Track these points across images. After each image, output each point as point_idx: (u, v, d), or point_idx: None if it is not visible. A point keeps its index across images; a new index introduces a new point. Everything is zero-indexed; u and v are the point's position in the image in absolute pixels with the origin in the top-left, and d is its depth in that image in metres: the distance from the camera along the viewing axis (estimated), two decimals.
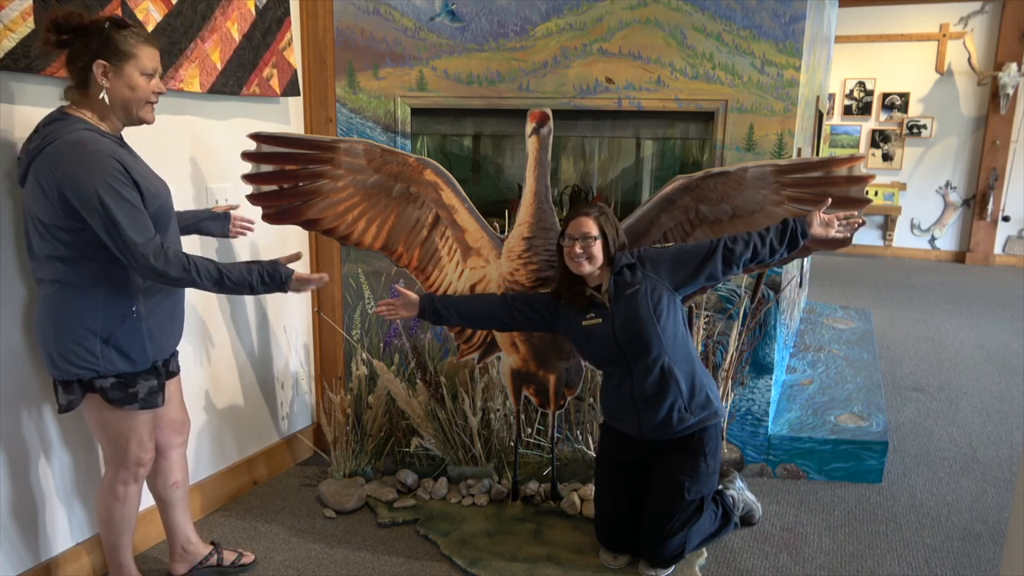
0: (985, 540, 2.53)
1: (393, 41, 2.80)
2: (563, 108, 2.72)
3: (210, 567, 2.26)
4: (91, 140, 1.72)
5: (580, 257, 2.15)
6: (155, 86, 1.81)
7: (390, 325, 2.97)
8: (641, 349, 2.17)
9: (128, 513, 2.02)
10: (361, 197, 2.50)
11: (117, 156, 1.74)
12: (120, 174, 1.73)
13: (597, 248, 2.15)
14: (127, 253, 1.74)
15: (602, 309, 2.21)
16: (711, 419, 2.25)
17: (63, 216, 1.73)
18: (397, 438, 2.94)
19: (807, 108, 2.92)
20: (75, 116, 1.76)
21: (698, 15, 2.62)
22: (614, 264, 2.20)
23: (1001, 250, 7.98)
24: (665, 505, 2.23)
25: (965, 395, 3.95)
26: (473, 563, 2.32)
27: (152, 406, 1.94)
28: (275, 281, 1.95)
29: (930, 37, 7.90)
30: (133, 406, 1.89)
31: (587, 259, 2.15)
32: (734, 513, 2.45)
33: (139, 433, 1.95)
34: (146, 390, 1.91)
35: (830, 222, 2.19)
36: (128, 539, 2.05)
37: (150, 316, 1.89)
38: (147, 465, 2.01)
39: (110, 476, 1.99)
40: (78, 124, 1.75)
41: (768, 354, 2.85)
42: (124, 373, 1.86)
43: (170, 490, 2.17)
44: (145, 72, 1.78)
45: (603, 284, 2.21)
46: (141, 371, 1.89)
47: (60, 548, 2.17)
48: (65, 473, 2.16)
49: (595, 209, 2.19)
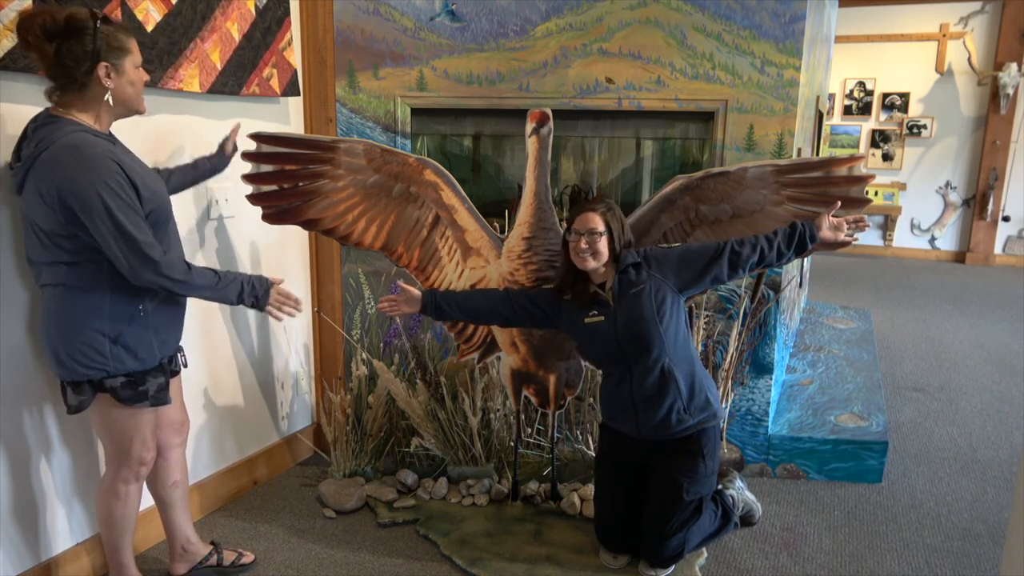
0: (985, 540, 2.53)
1: (393, 41, 2.80)
2: (563, 108, 2.72)
3: (210, 567, 2.26)
4: (87, 143, 1.70)
5: (585, 252, 2.14)
6: (144, 75, 1.83)
7: (390, 325, 2.97)
8: (642, 349, 2.16)
9: (128, 512, 2.02)
10: (361, 197, 2.50)
11: (114, 157, 1.73)
12: (120, 176, 1.72)
13: (602, 244, 2.15)
14: (131, 257, 1.74)
15: (605, 307, 2.20)
16: (710, 421, 2.24)
17: (63, 223, 1.72)
18: (397, 438, 2.94)
19: (807, 108, 2.92)
20: (66, 118, 1.73)
21: (698, 15, 2.62)
22: (620, 262, 2.19)
23: (1001, 250, 7.98)
24: (664, 505, 2.22)
25: (965, 395, 3.95)
26: (473, 563, 2.32)
27: (162, 403, 1.95)
28: (261, 287, 1.99)
29: (930, 37, 7.90)
30: (144, 404, 1.90)
31: (592, 255, 2.14)
32: (734, 513, 2.45)
33: (143, 432, 1.96)
34: (155, 387, 1.91)
35: (839, 225, 2.19)
36: (128, 539, 2.05)
37: (156, 314, 1.90)
38: (149, 464, 2.01)
39: (111, 475, 1.99)
40: (71, 126, 1.72)
41: (768, 354, 2.85)
42: (134, 372, 1.86)
43: (169, 490, 2.17)
44: (138, 64, 1.78)
45: (608, 282, 2.21)
46: (150, 369, 1.90)
47: (60, 548, 2.17)
48: (65, 473, 2.16)
49: (602, 205, 2.19)
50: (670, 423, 2.20)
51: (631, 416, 2.24)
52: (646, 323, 2.14)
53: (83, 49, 1.68)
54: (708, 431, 2.24)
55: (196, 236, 2.48)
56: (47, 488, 2.11)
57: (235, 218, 2.62)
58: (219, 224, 2.58)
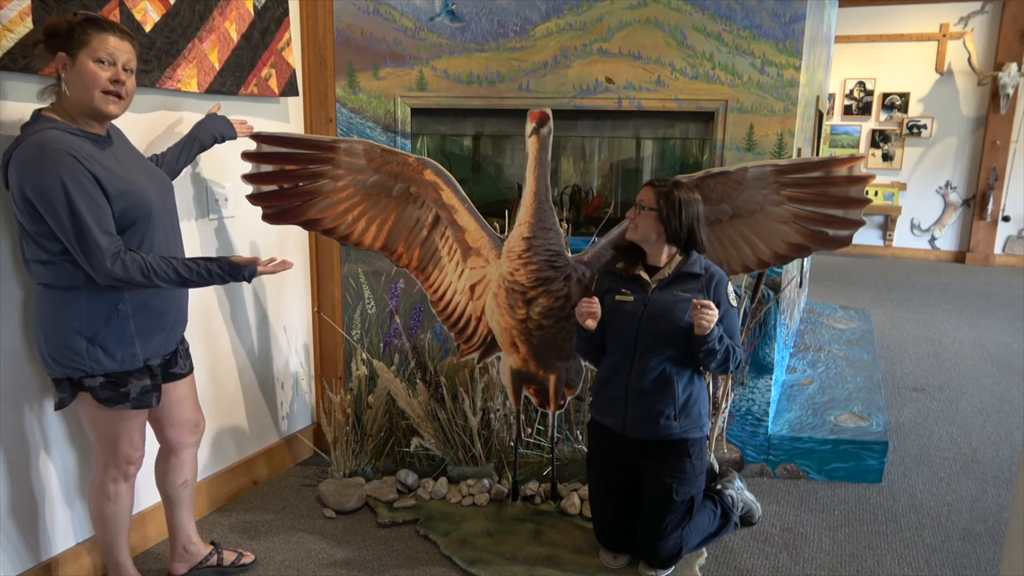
0: (985, 540, 2.53)
1: (393, 41, 2.80)
2: (563, 108, 2.72)
3: (210, 567, 2.26)
4: (52, 139, 1.68)
5: (630, 221, 2.18)
6: (112, 74, 1.72)
7: (390, 325, 2.97)
8: (655, 345, 2.16)
9: (120, 512, 2.01)
10: (361, 197, 2.50)
11: (77, 153, 1.69)
12: (81, 172, 1.69)
13: (644, 219, 2.15)
14: (88, 255, 1.72)
15: (642, 291, 2.20)
16: (695, 432, 2.25)
17: (30, 220, 1.72)
18: (397, 438, 2.94)
19: (807, 108, 2.91)
20: (44, 116, 1.74)
21: (698, 15, 2.62)
22: (686, 261, 2.19)
23: (1001, 250, 7.98)
24: (655, 507, 2.23)
25: (965, 395, 3.95)
26: (473, 563, 2.32)
27: (145, 406, 1.93)
28: (235, 276, 1.94)
29: (930, 37, 7.89)
30: (124, 406, 1.88)
31: (633, 227, 2.18)
32: (733, 513, 2.45)
33: (130, 432, 1.94)
34: (139, 390, 1.89)
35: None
36: (123, 538, 2.05)
37: (138, 315, 1.86)
38: (137, 464, 2.00)
39: (100, 474, 1.98)
40: (45, 123, 1.72)
41: (768, 354, 2.85)
42: (113, 373, 1.85)
43: (178, 489, 2.17)
44: (96, 59, 1.70)
45: (663, 272, 2.21)
46: (132, 370, 1.88)
47: (61, 548, 2.17)
48: (67, 472, 2.16)
49: (665, 185, 2.18)
50: (657, 425, 2.20)
51: (620, 409, 2.23)
52: (673, 325, 2.14)
53: (56, 45, 1.69)
54: (692, 440, 2.24)
55: (196, 236, 2.48)
56: (48, 487, 2.11)
57: (235, 218, 2.62)
58: (219, 224, 2.58)
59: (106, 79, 1.72)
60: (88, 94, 1.72)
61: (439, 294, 2.62)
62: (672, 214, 2.15)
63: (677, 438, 2.22)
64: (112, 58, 1.73)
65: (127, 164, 1.86)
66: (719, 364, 2.14)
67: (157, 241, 1.90)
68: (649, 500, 2.25)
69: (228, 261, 1.92)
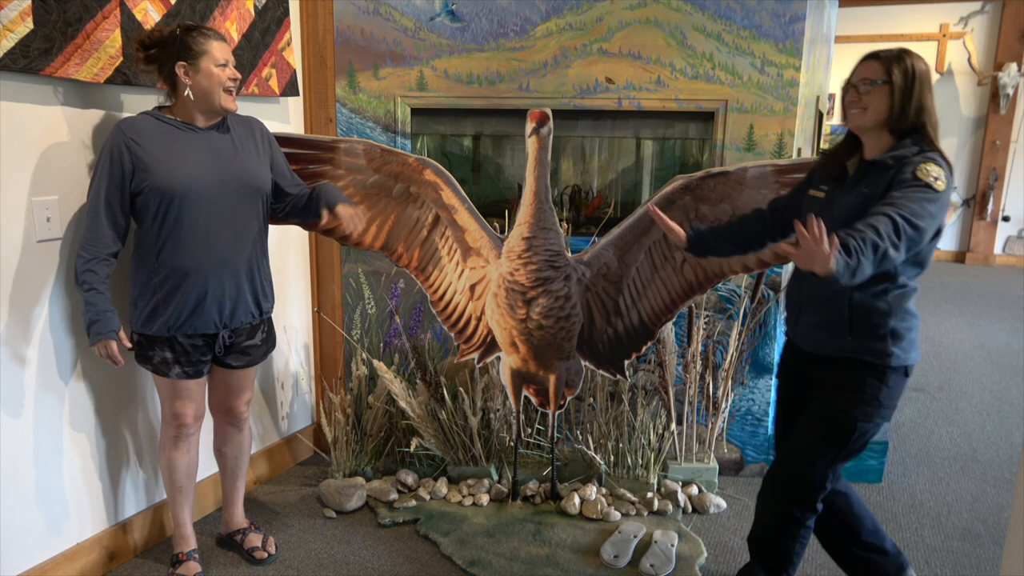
0: (985, 540, 2.53)
1: (393, 41, 2.80)
2: (563, 108, 2.72)
3: (235, 542, 2.40)
4: (125, 121, 1.94)
5: (852, 106, 1.75)
6: (229, 74, 1.98)
7: (390, 325, 2.97)
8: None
9: (175, 471, 2.18)
10: (361, 197, 2.50)
11: (133, 132, 1.91)
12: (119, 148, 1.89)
13: (876, 95, 1.71)
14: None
15: (839, 188, 1.80)
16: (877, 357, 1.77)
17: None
18: (397, 438, 2.94)
19: (807, 108, 2.91)
20: (153, 109, 2.01)
21: (698, 15, 2.63)
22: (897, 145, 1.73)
23: (1001, 250, 7.98)
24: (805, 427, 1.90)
25: (965, 395, 3.95)
26: (473, 563, 2.32)
27: (162, 374, 2.07)
28: (95, 334, 1.93)
29: (930, 37, 7.90)
30: (147, 367, 2.08)
31: (861, 109, 1.73)
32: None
33: (174, 394, 2.10)
34: (159, 359, 2.05)
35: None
36: (181, 497, 2.21)
37: (162, 288, 2.00)
38: (188, 426, 2.14)
39: (162, 432, 2.20)
40: (145, 112, 2.00)
41: (768, 354, 2.85)
42: (142, 335, 2.04)
43: (219, 456, 2.37)
44: (218, 64, 1.95)
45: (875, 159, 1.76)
46: (157, 337, 2.03)
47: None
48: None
49: (892, 52, 1.74)
50: (823, 337, 1.83)
51: (794, 314, 1.93)
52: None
53: (167, 55, 1.93)
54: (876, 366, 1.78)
55: None
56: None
57: None
58: None
59: (226, 78, 1.98)
60: (215, 94, 1.97)
61: (439, 294, 2.62)
62: (907, 87, 1.71)
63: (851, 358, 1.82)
64: (226, 60, 1.98)
65: (200, 154, 1.99)
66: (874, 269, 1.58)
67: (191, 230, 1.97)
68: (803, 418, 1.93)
69: (90, 318, 1.92)
